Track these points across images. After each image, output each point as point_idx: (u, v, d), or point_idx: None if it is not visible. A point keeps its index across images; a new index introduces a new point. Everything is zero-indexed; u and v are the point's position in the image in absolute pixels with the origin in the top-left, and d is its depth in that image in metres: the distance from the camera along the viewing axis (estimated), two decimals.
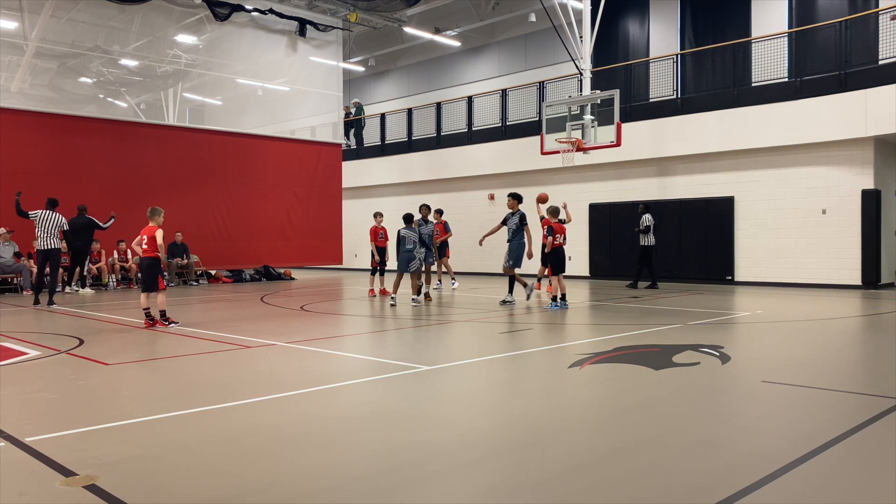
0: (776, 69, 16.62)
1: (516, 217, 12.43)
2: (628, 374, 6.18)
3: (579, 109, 16.26)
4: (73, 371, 6.51)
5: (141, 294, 9.71)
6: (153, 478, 3.61)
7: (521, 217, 12.43)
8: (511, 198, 12.54)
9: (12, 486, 3.46)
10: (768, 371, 6.35)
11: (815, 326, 9.46)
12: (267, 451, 4.05)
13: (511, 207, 12.53)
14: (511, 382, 6.11)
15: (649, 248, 15.64)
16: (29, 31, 17.22)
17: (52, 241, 12.67)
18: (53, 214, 12.79)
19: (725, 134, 16.83)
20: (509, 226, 12.51)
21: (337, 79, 22.89)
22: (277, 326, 9.82)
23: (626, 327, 9.29)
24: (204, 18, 19.73)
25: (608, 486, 3.48)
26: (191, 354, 7.40)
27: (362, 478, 3.62)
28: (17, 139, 16.35)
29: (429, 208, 13.83)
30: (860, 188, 15.25)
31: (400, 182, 24.01)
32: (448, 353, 7.62)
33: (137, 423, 4.65)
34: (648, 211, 15.84)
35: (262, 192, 20.64)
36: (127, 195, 17.45)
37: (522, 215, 12.45)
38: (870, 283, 15.16)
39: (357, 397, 5.58)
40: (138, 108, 21.49)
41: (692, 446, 4.10)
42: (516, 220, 12.41)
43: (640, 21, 21.28)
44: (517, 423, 4.66)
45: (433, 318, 10.63)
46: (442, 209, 16.49)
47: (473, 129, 22.24)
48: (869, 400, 5.19)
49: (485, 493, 3.42)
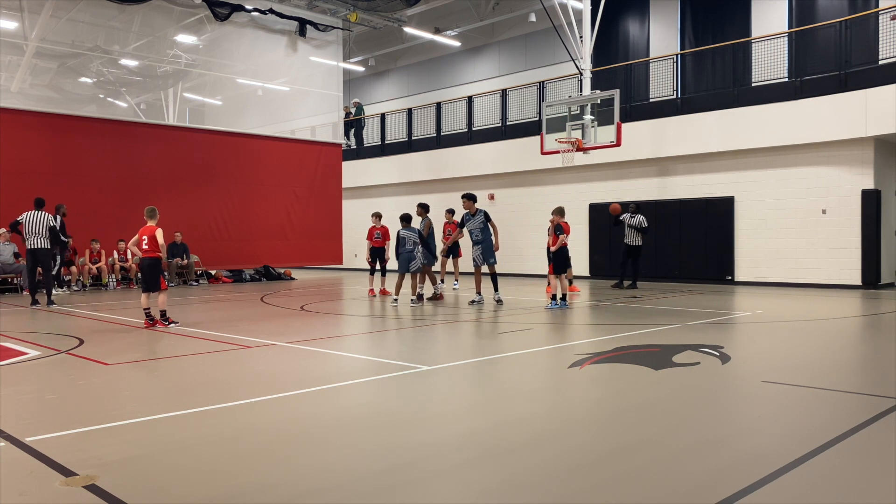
0: (776, 69, 16.62)
1: (480, 216, 12.26)
2: (628, 374, 6.18)
3: (579, 109, 16.25)
4: (73, 371, 6.51)
5: (142, 294, 9.71)
6: (153, 478, 3.61)
7: (485, 215, 12.29)
8: (467, 199, 12.35)
9: (12, 486, 3.46)
10: (768, 371, 6.35)
11: (815, 326, 9.45)
12: (266, 451, 4.05)
13: (468, 209, 12.37)
14: (511, 382, 6.11)
15: (639, 247, 15.69)
16: (29, 31, 17.21)
17: (39, 240, 12.57)
18: (40, 214, 12.69)
19: (725, 134, 16.82)
20: (472, 227, 12.31)
21: (337, 79, 22.89)
22: (277, 326, 9.81)
23: (626, 327, 9.28)
24: (204, 18, 19.73)
25: (608, 486, 3.48)
26: (191, 354, 7.40)
27: (362, 478, 3.62)
28: (17, 139, 16.35)
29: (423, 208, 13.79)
30: (860, 188, 15.24)
31: (400, 182, 24.01)
32: (448, 353, 7.62)
33: (137, 423, 4.65)
34: (640, 211, 15.89)
35: (262, 192, 20.64)
36: (127, 195, 17.45)
37: (486, 213, 12.33)
38: (870, 283, 15.16)
39: (357, 397, 5.58)
40: (138, 108, 21.48)
41: (692, 446, 4.10)
42: (481, 218, 12.25)
43: (640, 21, 21.28)
44: (517, 423, 4.66)
45: (433, 319, 10.63)
46: (453, 209, 15.97)
47: (473, 129, 22.24)
48: (869, 400, 5.19)
49: (484, 493, 3.42)
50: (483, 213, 12.32)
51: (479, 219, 12.28)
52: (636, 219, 15.60)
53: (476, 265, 12.54)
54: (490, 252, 12.34)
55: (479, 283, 12.64)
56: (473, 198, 12.47)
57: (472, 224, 12.33)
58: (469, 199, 12.39)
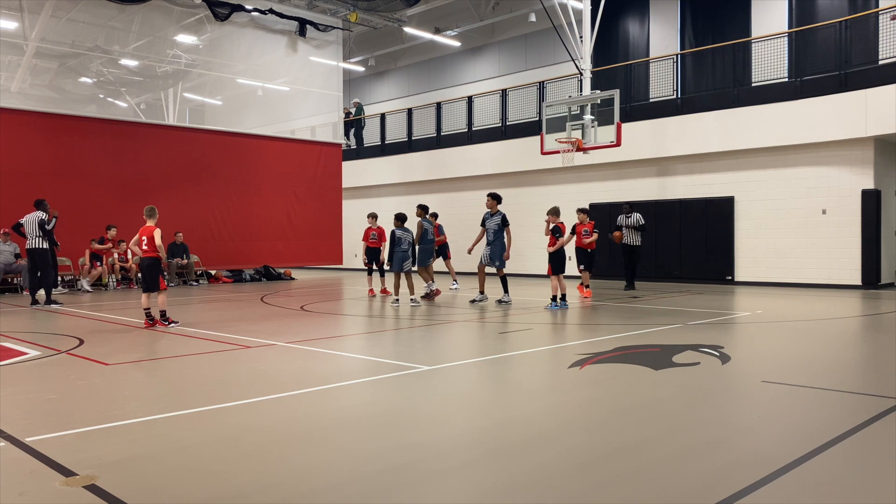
0: (776, 69, 16.62)
1: (498, 217, 12.37)
2: (628, 375, 6.18)
3: (579, 109, 16.25)
4: (73, 371, 6.51)
5: (142, 294, 9.71)
6: (153, 478, 3.61)
7: (503, 218, 12.37)
8: (491, 197, 12.46)
9: (12, 486, 3.46)
10: (768, 371, 6.35)
11: (815, 326, 9.45)
12: (266, 451, 4.05)
13: (490, 207, 12.48)
14: (511, 382, 6.11)
15: (638, 247, 15.57)
16: (29, 31, 17.21)
17: (35, 240, 12.61)
18: (35, 213, 12.69)
19: (725, 134, 16.82)
20: (489, 226, 12.43)
21: (337, 79, 22.88)
22: (277, 326, 9.81)
23: (626, 327, 9.28)
24: (204, 18, 19.73)
25: (608, 486, 3.48)
26: (191, 354, 7.40)
27: (361, 478, 3.62)
28: (17, 139, 16.35)
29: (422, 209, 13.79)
30: (860, 188, 15.24)
31: (400, 182, 24.02)
32: (448, 353, 7.62)
33: (137, 423, 4.65)
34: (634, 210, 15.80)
35: (262, 192, 20.64)
36: (127, 195, 17.45)
37: (504, 216, 12.41)
38: (870, 283, 15.16)
39: (356, 397, 5.58)
40: (138, 108, 21.47)
41: (692, 446, 4.09)
42: (498, 220, 12.34)
43: (640, 21, 21.29)
44: (517, 423, 4.66)
45: (433, 319, 10.63)
46: (436, 213, 15.98)
47: (473, 129, 22.24)
48: (869, 400, 5.19)
49: (484, 493, 3.42)
50: (501, 216, 12.40)
51: (497, 220, 12.37)
52: (632, 218, 15.43)
53: (482, 263, 12.58)
54: (498, 254, 12.36)
55: (482, 282, 12.68)
56: (497, 197, 12.57)
57: (490, 223, 12.44)
58: (492, 198, 12.48)
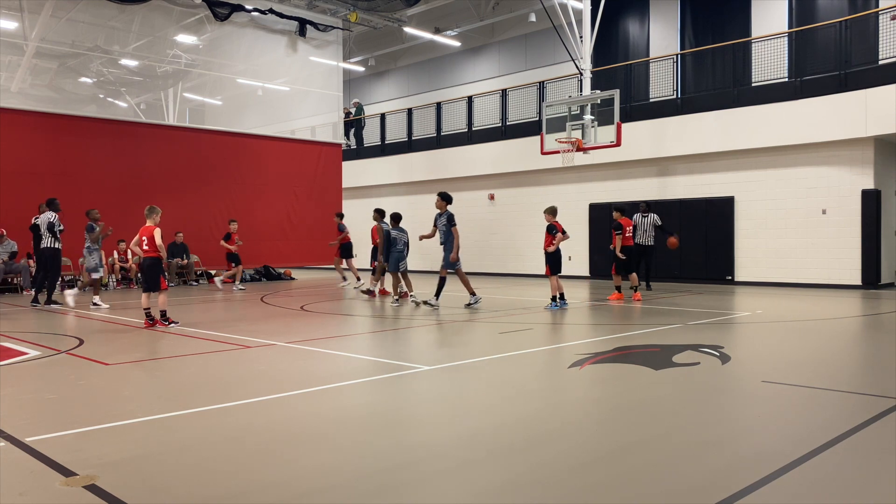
0: (776, 69, 16.62)
1: (444, 217, 11.83)
2: (628, 374, 6.18)
3: (579, 109, 16.24)
4: (74, 371, 6.51)
5: (142, 294, 9.71)
6: (153, 478, 3.61)
7: (449, 217, 11.81)
8: (439, 198, 11.90)
9: (12, 486, 3.47)
10: (768, 371, 6.35)
11: (815, 326, 9.45)
12: (267, 450, 4.05)
13: (439, 207, 11.93)
14: (511, 382, 6.11)
15: (652, 248, 15.04)
16: (29, 31, 17.21)
17: (47, 240, 12.62)
18: (45, 215, 12.71)
19: (725, 134, 16.82)
20: (439, 227, 11.94)
21: (337, 79, 22.88)
22: (277, 326, 9.82)
23: (626, 327, 9.29)
24: (204, 18, 19.73)
25: (608, 486, 3.48)
26: (191, 354, 7.40)
27: (362, 477, 3.62)
28: (17, 139, 16.34)
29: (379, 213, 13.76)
30: (860, 188, 15.24)
31: (400, 182, 24.01)
32: (448, 353, 7.62)
33: (137, 423, 4.65)
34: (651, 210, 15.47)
35: (263, 192, 20.63)
36: (127, 195, 17.43)
37: (450, 216, 11.85)
38: (870, 283, 15.16)
39: (357, 397, 5.58)
40: (138, 108, 21.48)
41: (692, 446, 4.10)
42: (444, 220, 11.82)
43: (640, 21, 21.28)
44: (517, 423, 4.66)
45: (433, 319, 10.63)
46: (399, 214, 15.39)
47: (473, 129, 22.24)
48: (869, 400, 5.19)
49: (485, 493, 3.42)
50: (447, 216, 11.84)
51: (443, 220, 11.84)
52: (649, 217, 14.94)
53: (457, 268, 11.82)
54: (446, 255, 11.73)
55: (466, 284, 12.04)
56: (447, 197, 11.98)
57: (439, 223, 11.92)
58: (441, 198, 11.91)
